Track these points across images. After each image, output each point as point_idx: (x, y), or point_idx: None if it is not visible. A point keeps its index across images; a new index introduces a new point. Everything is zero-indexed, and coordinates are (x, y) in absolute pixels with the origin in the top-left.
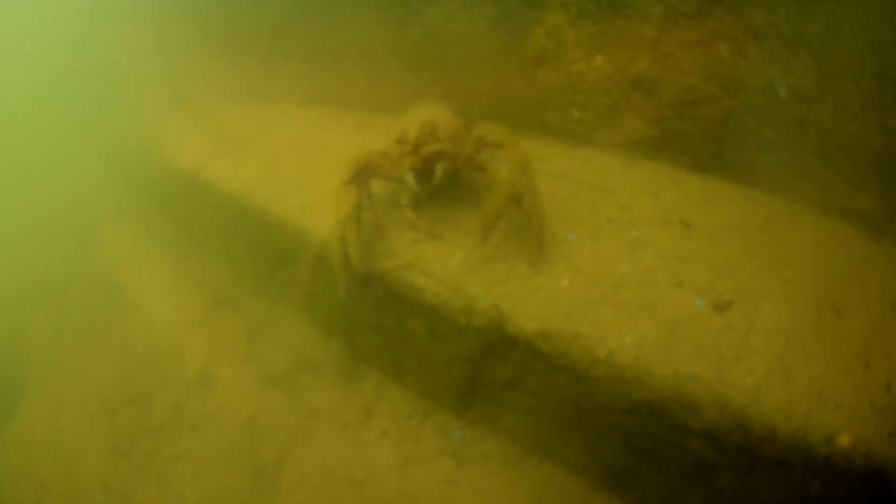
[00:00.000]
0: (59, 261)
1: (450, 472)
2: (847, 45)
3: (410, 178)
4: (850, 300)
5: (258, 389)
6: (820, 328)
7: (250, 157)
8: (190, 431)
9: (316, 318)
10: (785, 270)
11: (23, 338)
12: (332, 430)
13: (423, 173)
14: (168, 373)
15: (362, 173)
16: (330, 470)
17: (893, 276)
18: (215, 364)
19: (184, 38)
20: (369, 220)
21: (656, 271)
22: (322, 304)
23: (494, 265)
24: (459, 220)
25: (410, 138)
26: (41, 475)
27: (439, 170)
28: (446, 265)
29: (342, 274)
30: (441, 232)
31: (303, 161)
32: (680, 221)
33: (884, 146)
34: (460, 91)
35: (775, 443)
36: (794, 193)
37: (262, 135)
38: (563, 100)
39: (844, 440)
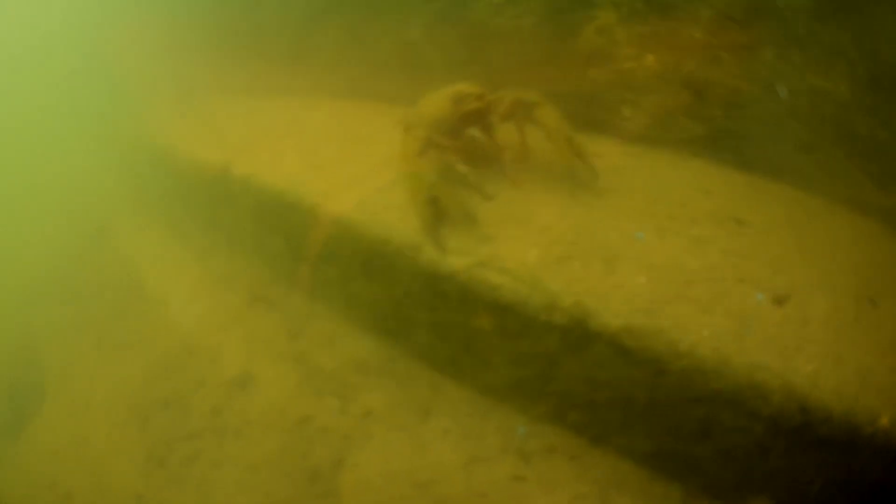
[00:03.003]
0: (72, 259)
1: (515, 468)
2: (878, 56)
3: (475, 132)
4: (885, 294)
5: (305, 390)
6: (861, 319)
7: (286, 150)
8: (233, 436)
9: (363, 317)
10: (829, 265)
11: (38, 340)
12: (389, 430)
13: (485, 123)
14: (204, 374)
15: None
16: (392, 472)
17: None
18: (256, 364)
19: (199, 33)
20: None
21: (721, 267)
22: (373, 302)
23: (571, 263)
24: (530, 217)
25: (472, 92)
26: (66, 486)
27: (496, 119)
28: (523, 262)
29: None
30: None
31: (346, 155)
32: (733, 218)
33: None
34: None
35: (831, 423)
36: (831, 193)
37: (297, 127)
38: (614, 97)
39: (885, 420)
